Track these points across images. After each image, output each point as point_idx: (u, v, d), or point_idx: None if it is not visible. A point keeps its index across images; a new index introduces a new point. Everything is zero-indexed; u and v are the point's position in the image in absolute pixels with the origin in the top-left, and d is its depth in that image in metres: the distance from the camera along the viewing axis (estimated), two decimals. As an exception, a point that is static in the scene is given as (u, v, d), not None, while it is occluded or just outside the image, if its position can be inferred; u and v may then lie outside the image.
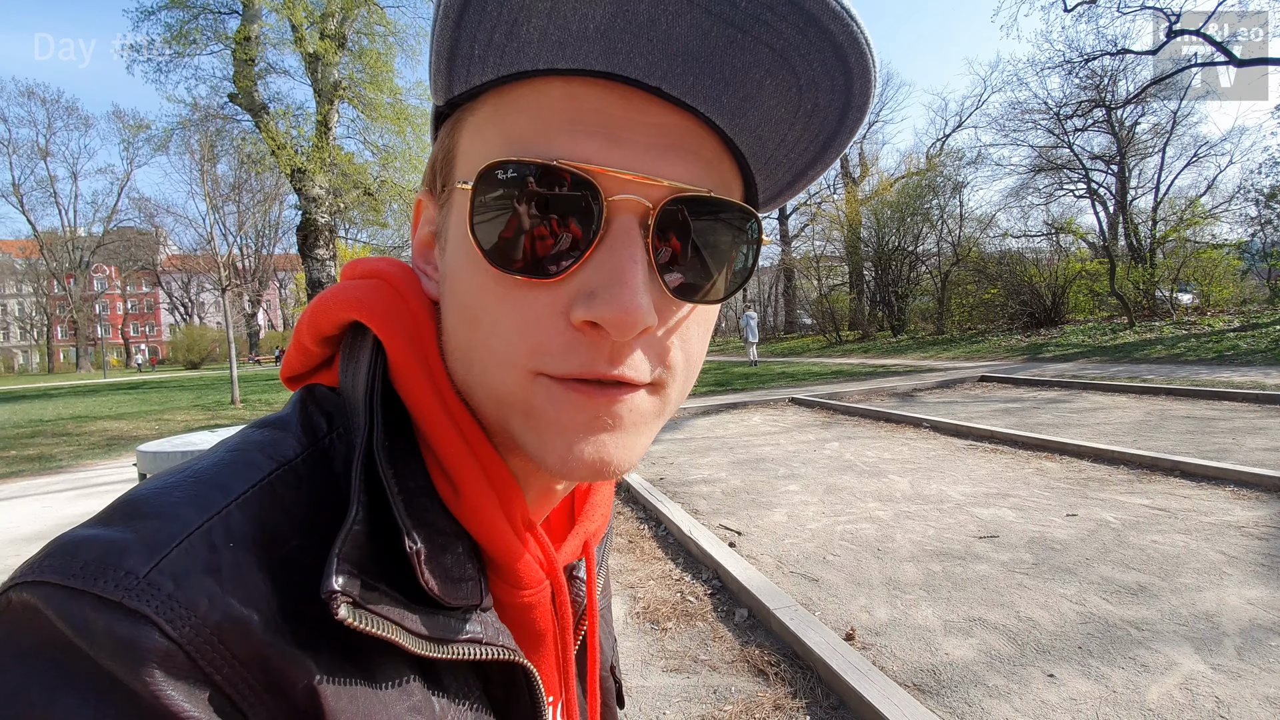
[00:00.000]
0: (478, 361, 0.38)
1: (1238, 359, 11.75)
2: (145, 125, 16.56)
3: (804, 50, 0.34)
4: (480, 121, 0.38)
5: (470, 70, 0.35)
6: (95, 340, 63.92)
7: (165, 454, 2.49)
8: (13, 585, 0.30)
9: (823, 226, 34.57)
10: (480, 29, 0.33)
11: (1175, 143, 21.76)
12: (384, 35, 15.42)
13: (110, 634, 0.27)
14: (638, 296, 0.34)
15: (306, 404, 0.40)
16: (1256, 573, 3.32)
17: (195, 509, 0.32)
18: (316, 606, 0.32)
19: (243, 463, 0.35)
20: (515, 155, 0.35)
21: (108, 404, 17.45)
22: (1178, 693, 2.41)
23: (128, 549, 0.30)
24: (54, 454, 9.49)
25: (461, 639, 0.37)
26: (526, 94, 0.36)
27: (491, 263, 0.35)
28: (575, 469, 0.36)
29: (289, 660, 0.31)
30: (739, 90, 0.35)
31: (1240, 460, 5.31)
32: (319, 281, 14.11)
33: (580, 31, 0.32)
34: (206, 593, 0.29)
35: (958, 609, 3.15)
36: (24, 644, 0.28)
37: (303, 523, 0.34)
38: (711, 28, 0.33)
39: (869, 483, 5.57)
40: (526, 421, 0.37)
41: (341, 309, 0.42)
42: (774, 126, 0.38)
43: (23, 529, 5.67)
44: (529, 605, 0.44)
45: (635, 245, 0.35)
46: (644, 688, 2.69)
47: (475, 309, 0.37)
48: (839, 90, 0.36)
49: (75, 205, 61.44)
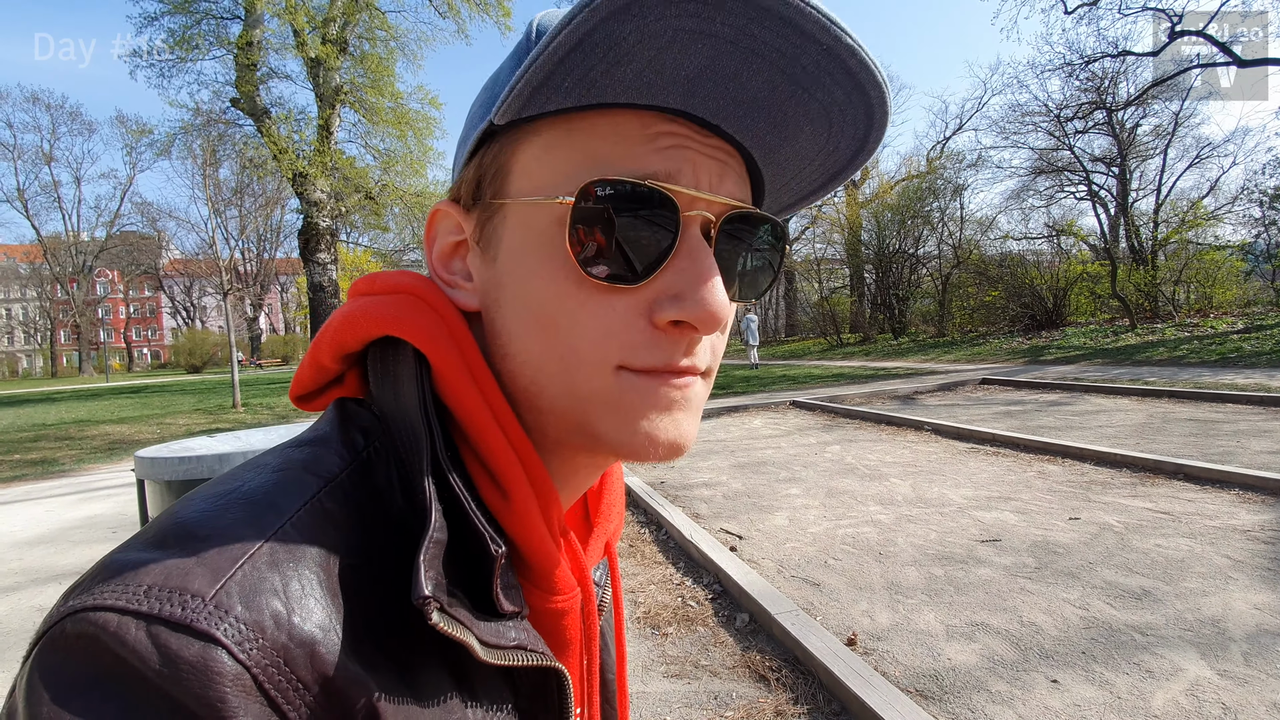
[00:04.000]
0: (555, 363, 0.40)
1: (1241, 361, 11.70)
2: (148, 130, 16.67)
3: (844, 106, 0.40)
4: (550, 143, 0.40)
5: (551, 98, 0.37)
6: (98, 344, 64.10)
7: (163, 459, 2.48)
8: (68, 614, 0.29)
9: (823, 229, 34.64)
10: (580, 65, 0.35)
11: (1177, 144, 21.80)
12: (385, 40, 15.48)
13: (179, 658, 0.27)
14: (722, 297, 0.39)
15: (343, 419, 0.41)
16: (1262, 577, 3.30)
17: (252, 530, 0.32)
18: (374, 624, 0.33)
19: (291, 481, 0.35)
20: (598, 174, 0.38)
21: (110, 408, 17.48)
22: (1183, 699, 2.39)
23: (190, 572, 0.29)
24: (56, 458, 9.50)
25: (511, 645, 0.37)
26: (601, 122, 0.39)
27: (586, 270, 0.38)
28: (657, 449, 0.41)
29: (351, 680, 0.31)
30: (783, 132, 0.43)
31: (1245, 463, 5.29)
32: (320, 285, 14.11)
33: (671, 78, 0.37)
34: (272, 614, 0.29)
35: (960, 613, 3.13)
36: (82, 675, 0.28)
37: (354, 539, 0.35)
38: (780, 83, 0.39)
39: (870, 486, 5.55)
40: (612, 412, 0.40)
41: (373, 326, 0.42)
42: (797, 162, 0.45)
43: (25, 533, 5.67)
44: (561, 612, 0.44)
45: (709, 253, 0.40)
46: (644, 694, 2.68)
47: (554, 315, 0.40)
48: (859, 138, 0.43)
49: (79, 210, 61.63)
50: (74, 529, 5.72)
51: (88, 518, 6.07)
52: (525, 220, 0.41)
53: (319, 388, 0.47)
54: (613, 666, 0.61)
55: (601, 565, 0.58)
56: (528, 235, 0.41)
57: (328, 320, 0.45)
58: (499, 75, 0.43)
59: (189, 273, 61.12)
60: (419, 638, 0.35)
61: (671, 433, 0.41)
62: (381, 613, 0.34)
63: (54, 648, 0.28)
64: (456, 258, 0.46)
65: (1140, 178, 22.70)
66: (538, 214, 0.40)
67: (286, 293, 73.88)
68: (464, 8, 15.57)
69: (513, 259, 0.41)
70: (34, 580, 4.47)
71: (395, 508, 0.37)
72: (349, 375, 0.47)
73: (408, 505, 0.37)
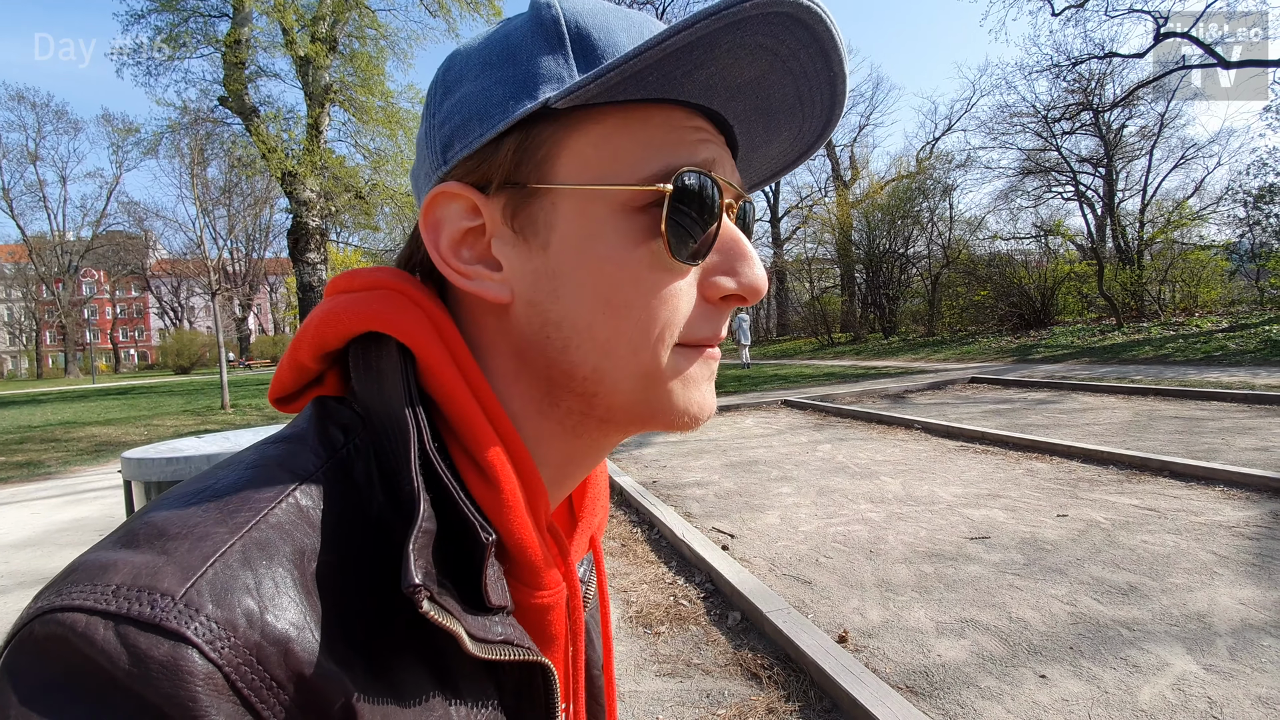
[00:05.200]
0: (625, 346, 0.41)
1: (1226, 359, 11.83)
2: (134, 129, 16.48)
3: (814, 120, 0.46)
4: (609, 130, 0.41)
5: (630, 89, 0.39)
6: (84, 345, 63.42)
7: (150, 460, 2.45)
8: (37, 615, 0.28)
9: (814, 229, 34.75)
10: (678, 65, 0.38)
11: (1162, 145, 21.99)
12: (375, 38, 15.36)
13: (148, 658, 0.27)
14: (763, 270, 0.44)
15: (320, 417, 0.40)
16: (1247, 573, 3.34)
17: (224, 528, 0.31)
18: (350, 622, 0.32)
19: (266, 478, 0.35)
20: (666, 164, 0.41)
21: (96, 409, 17.30)
22: (1170, 693, 2.42)
23: (160, 571, 0.29)
24: (42, 460, 9.40)
25: (497, 640, 0.37)
26: (654, 114, 0.41)
27: (673, 254, 0.41)
28: (697, 418, 0.45)
29: (327, 679, 0.30)
30: (769, 137, 0.48)
31: (1230, 460, 5.35)
32: (310, 285, 14.01)
33: (727, 84, 0.41)
34: (245, 612, 0.29)
35: (950, 610, 3.15)
36: (51, 676, 0.27)
37: (330, 536, 0.34)
38: (791, 98, 0.44)
39: (861, 484, 5.57)
40: (672, 386, 0.43)
41: (355, 322, 0.42)
42: (760, 159, 0.51)
43: (11, 535, 5.60)
44: (546, 607, 0.43)
45: (743, 234, 0.45)
46: (636, 692, 2.68)
47: (628, 299, 0.41)
48: (811, 145, 0.49)
49: (64, 209, 60.94)
50: (60, 531, 5.66)
51: (74, 520, 6.00)
52: (587, 207, 0.41)
53: (299, 388, 0.47)
54: (599, 661, 0.60)
55: (586, 559, 0.58)
56: (592, 221, 0.41)
57: (306, 319, 0.44)
58: (515, 53, 0.42)
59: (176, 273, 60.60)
60: (398, 635, 0.34)
61: (709, 400, 0.46)
62: (358, 610, 0.33)
63: (22, 649, 0.28)
64: (466, 246, 0.44)
65: (1126, 178, 22.90)
66: (603, 199, 0.40)
67: (276, 293, 73.36)
68: (454, 6, 15.50)
69: (575, 245, 0.41)
70: (20, 583, 4.42)
71: (374, 505, 0.37)
72: (328, 375, 0.46)
73: (388, 502, 0.37)
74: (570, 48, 0.41)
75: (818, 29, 0.38)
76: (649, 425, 0.45)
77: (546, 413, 0.45)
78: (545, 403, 0.44)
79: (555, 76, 0.40)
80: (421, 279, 0.47)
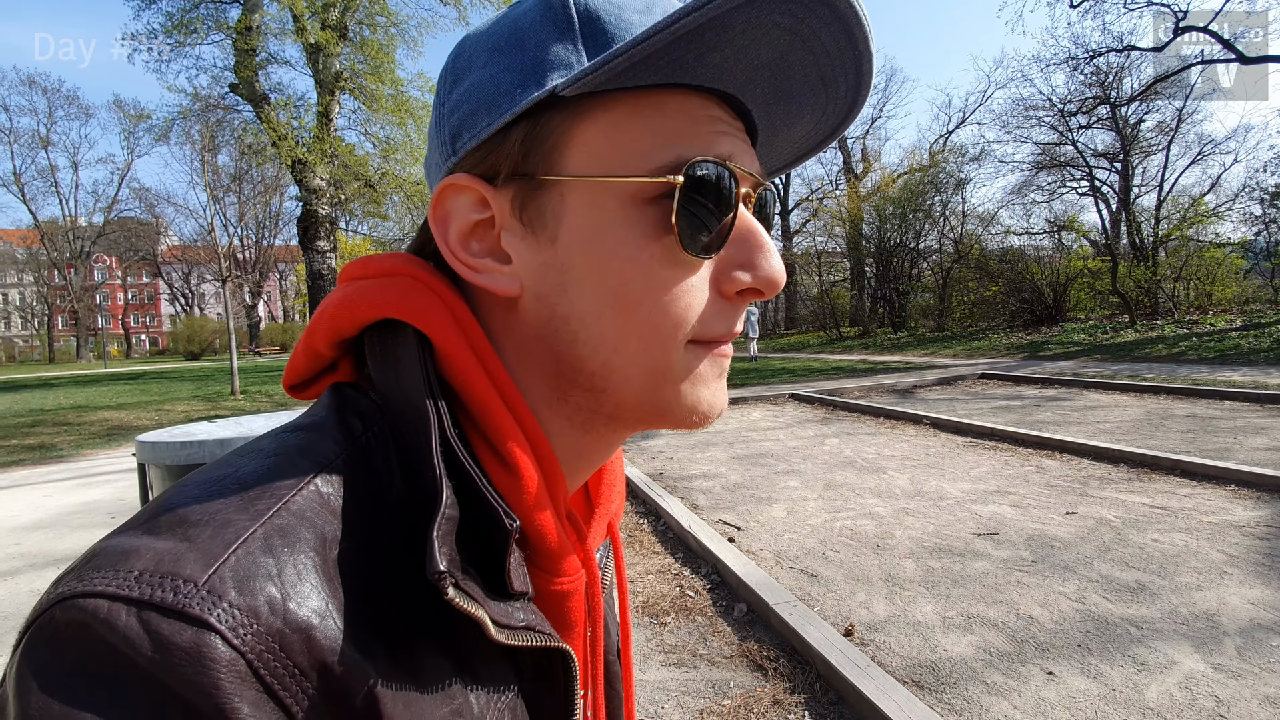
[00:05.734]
0: (636, 342, 0.40)
1: (1239, 358, 11.72)
2: (146, 115, 16.55)
3: (839, 101, 0.44)
4: (619, 119, 0.39)
5: (640, 75, 0.37)
6: (96, 330, 63.96)
7: (165, 444, 2.47)
8: (57, 601, 0.28)
9: (824, 222, 34.58)
10: (688, 48, 0.36)
11: (1180, 141, 21.64)
12: (385, 26, 15.34)
13: (171, 644, 0.26)
14: (781, 262, 0.42)
15: (339, 405, 0.40)
16: (1257, 572, 3.32)
17: (246, 515, 0.31)
18: (372, 609, 0.32)
19: (285, 467, 0.35)
20: (679, 154, 0.39)
21: (108, 394, 17.47)
22: (1177, 691, 2.41)
23: (183, 557, 0.29)
24: (54, 443, 9.50)
25: (519, 626, 0.37)
26: (670, 101, 0.40)
27: (685, 247, 0.39)
28: (707, 416, 0.43)
29: (349, 666, 0.30)
30: (791, 120, 0.46)
31: (1241, 460, 5.30)
32: (319, 273, 14.06)
33: (742, 66, 0.39)
34: (267, 599, 0.29)
35: (957, 606, 3.15)
36: (72, 663, 0.27)
37: (351, 524, 0.34)
38: (814, 80, 0.42)
39: (869, 479, 5.56)
40: (683, 384, 0.42)
41: (370, 309, 0.41)
42: (782, 144, 0.49)
43: (23, 518, 5.67)
44: (565, 594, 0.43)
45: (760, 225, 0.43)
46: (642, 681, 2.69)
47: (639, 294, 0.40)
48: (836, 128, 0.47)
49: (76, 195, 61.82)
50: (72, 514, 5.73)
51: (86, 503, 6.07)
52: (596, 199, 0.39)
53: (313, 375, 0.47)
54: (616, 647, 0.60)
55: (604, 546, 0.58)
56: (601, 214, 0.39)
57: (321, 306, 0.44)
58: (524, 38, 0.41)
59: (187, 259, 60.84)
60: (418, 622, 0.34)
61: (720, 398, 0.44)
62: (379, 598, 0.33)
63: (43, 635, 0.28)
64: (475, 239, 0.43)
65: (1142, 174, 22.60)
66: (613, 191, 0.39)
67: (285, 280, 73.70)
68: (464, -6, 15.46)
69: (583, 239, 0.40)
70: (32, 565, 4.48)
71: (394, 493, 0.37)
72: (342, 362, 0.46)
73: (408, 489, 0.37)
74: (579, 32, 0.39)
75: (839, 5, 0.36)
76: (658, 423, 0.44)
77: (555, 408, 0.44)
78: (554, 397, 0.44)
79: (564, 63, 0.39)
80: (435, 267, 0.46)
